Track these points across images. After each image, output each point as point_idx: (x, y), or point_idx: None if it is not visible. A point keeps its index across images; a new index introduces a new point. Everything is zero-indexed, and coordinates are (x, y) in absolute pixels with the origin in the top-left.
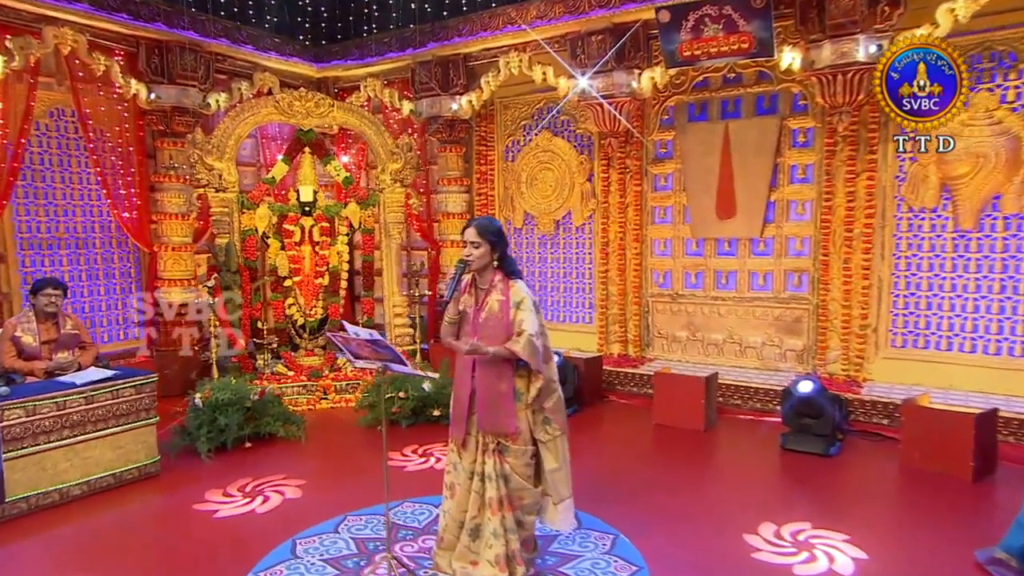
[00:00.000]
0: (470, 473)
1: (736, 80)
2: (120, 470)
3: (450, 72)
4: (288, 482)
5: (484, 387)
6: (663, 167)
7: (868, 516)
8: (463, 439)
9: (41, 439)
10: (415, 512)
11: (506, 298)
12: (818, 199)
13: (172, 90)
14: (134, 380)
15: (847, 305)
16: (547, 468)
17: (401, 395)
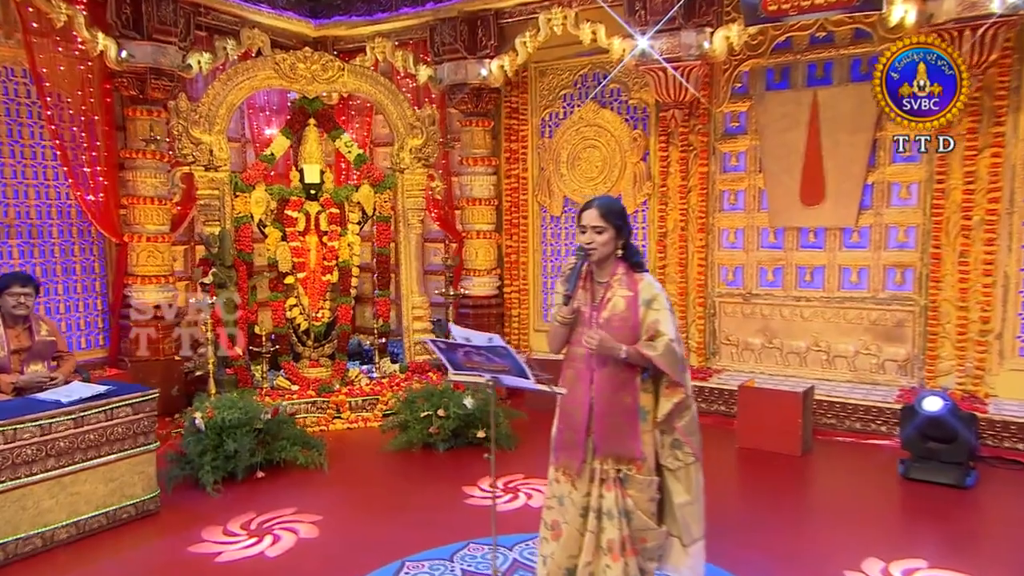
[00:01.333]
0: (583, 509)
1: (827, 40)
2: (114, 508)
3: (478, 31)
4: (314, 518)
5: (604, 402)
6: (734, 144)
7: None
8: (578, 467)
9: (22, 471)
10: (486, 557)
11: (633, 294)
12: (928, 180)
13: (147, 47)
14: (131, 397)
15: (964, 307)
16: (676, 502)
17: (440, 413)
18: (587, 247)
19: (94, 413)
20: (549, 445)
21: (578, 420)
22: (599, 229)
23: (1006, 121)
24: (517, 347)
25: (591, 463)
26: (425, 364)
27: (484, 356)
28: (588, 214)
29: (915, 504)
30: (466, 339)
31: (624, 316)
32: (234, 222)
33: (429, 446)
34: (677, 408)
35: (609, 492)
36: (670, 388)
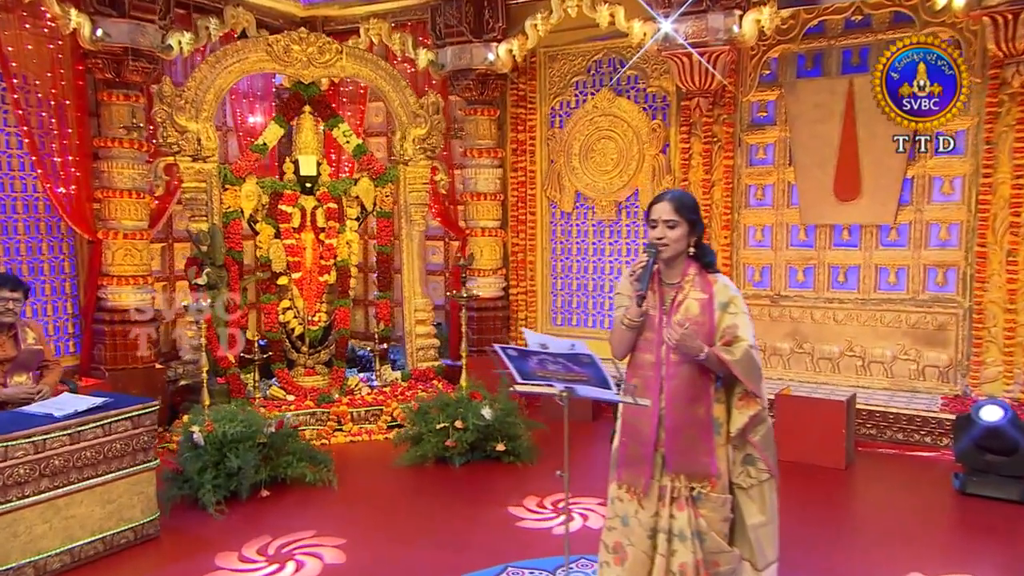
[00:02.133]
0: (650, 530)
1: (864, 24)
2: (111, 533)
3: (485, 12)
4: (336, 542)
5: (676, 414)
6: (762, 135)
7: None
8: (646, 484)
9: (13, 493)
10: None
11: (708, 296)
12: (973, 175)
13: (123, 26)
14: (131, 410)
15: (1013, 309)
16: (750, 523)
17: (458, 425)
18: (658, 243)
19: (91, 428)
20: (610, 460)
21: (645, 433)
22: (672, 224)
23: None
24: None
25: (660, 480)
26: (429, 371)
27: (561, 364)
28: (660, 207)
29: (973, 520)
30: (542, 345)
31: (699, 320)
32: (223, 218)
33: (444, 460)
34: (752, 421)
35: (681, 512)
36: (744, 400)
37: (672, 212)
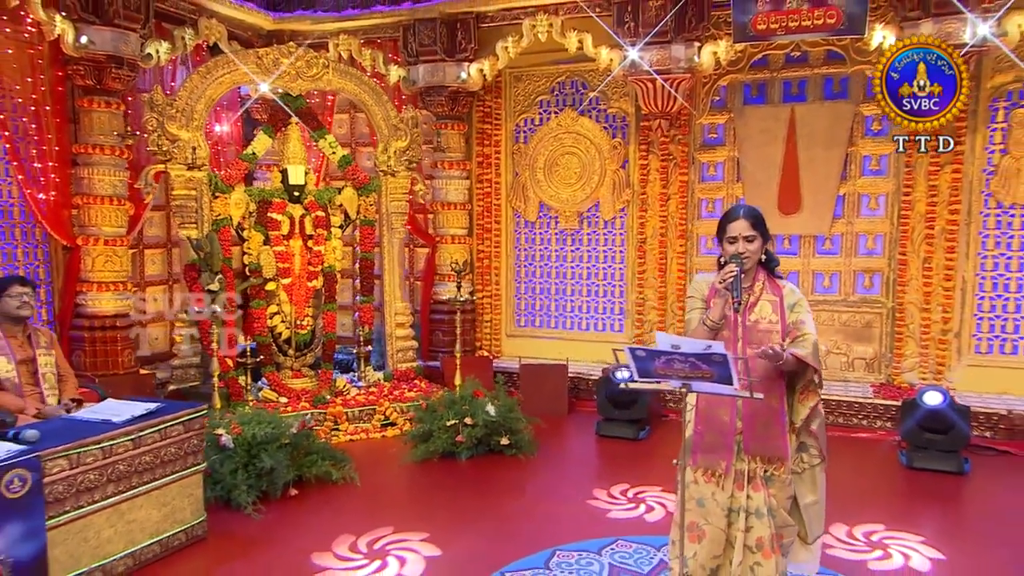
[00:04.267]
0: (727, 509)
1: (801, 60)
2: (167, 535)
3: (458, 34)
4: (420, 536)
5: (751, 403)
6: (713, 154)
7: None
8: (726, 468)
9: (84, 499)
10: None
11: (779, 299)
12: (895, 193)
13: (107, 34)
14: (184, 414)
15: (927, 308)
16: (803, 503)
17: (468, 421)
18: (741, 256)
19: (149, 433)
20: (683, 448)
21: (725, 422)
22: (750, 238)
23: (965, 140)
24: (489, 352)
25: (737, 465)
26: (410, 372)
27: (689, 363)
28: (738, 224)
29: (919, 488)
30: (674, 346)
31: (771, 320)
32: (213, 225)
33: (451, 455)
34: (812, 412)
35: (757, 492)
36: (804, 393)
37: (750, 228)
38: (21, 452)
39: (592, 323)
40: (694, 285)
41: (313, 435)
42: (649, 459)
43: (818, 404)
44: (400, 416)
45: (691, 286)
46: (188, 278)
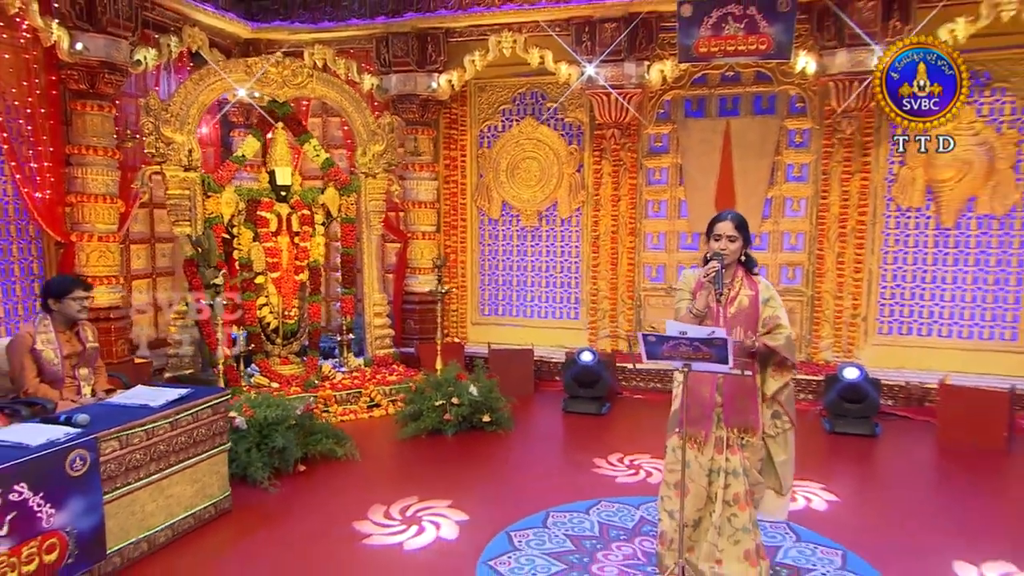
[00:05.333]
0: (708, 471)
1: (735, 79)
2: (199, 508)
3: (428, 47)
4: (445, 502)
5: (731, 383)
6: (658, 161)
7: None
8: (706, 436)
9: (131, 476)
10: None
11: (755, 293)
12: (814, 197)
13: (100, 41)
14: (212, 399)
15: (840, 296)
16: (777, 461)
17: (455, 401)
18: (722, 252)
19: (184, 416)
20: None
21: (706, 397)
22: (732, 238)
23: (872, 152)
24: (455, 339)
25: (716, 432)
26: (387, 358)
27: (693, 347)
28: (724, 225)
29: (840, 449)
30: (682, 332)
31: (748, 312)
32: (205, 222)
33: (438, 432)
34: (784, 386)
35: (734, 455)
36: (776, 370)
37: (733, 229)
38: (80, 434)
39: (550, 311)
40: (682, 279)
41: (315, 416)
42: (614, 430)
43: (790, 381)
44: (384, 398)
45: (680, 280)
46: (188, 273)
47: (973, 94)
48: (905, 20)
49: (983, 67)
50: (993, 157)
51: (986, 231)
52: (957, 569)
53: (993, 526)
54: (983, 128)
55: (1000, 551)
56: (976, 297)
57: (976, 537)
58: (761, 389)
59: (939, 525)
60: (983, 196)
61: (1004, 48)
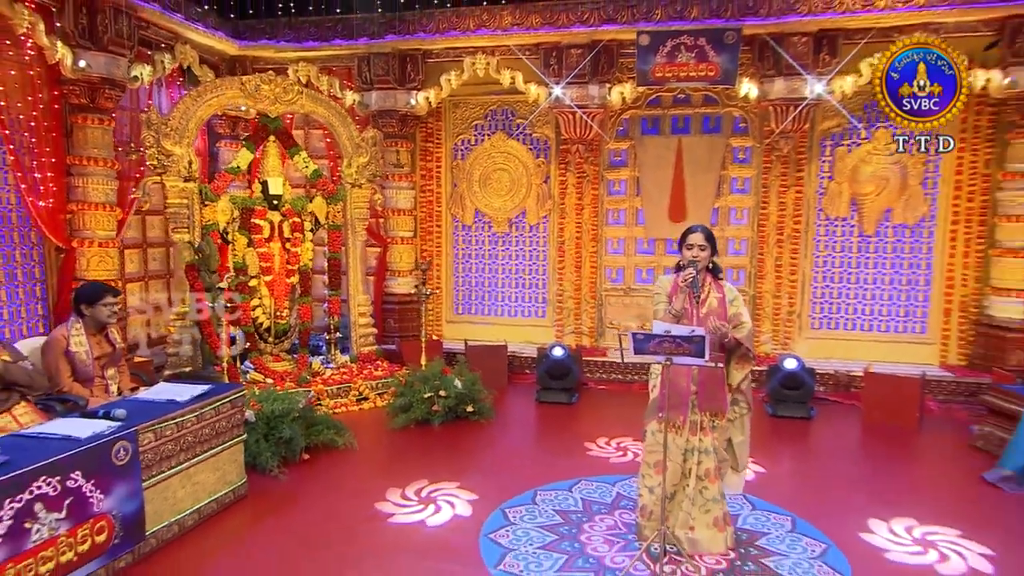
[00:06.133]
0: (683, 450)
1: (686, 101)
2: (221, 493)
3: (407, 66)
4: (453, 484)
5: (704, 374)
6: (618, 173)
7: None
8: (683, 420)
9: (164, 465)
10: (598, 491)
11: (722, 295)
12: (755, 207)
13: (101, 58)
14: (231, 394)
15: (778, 296)
16: (736, 441)
17: (442, 393)
18: (695, 260)
19: (208, 409)
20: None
21: (683, 387)
22: (703, 247)
23: (805, 169)
24: (434, 336)
25: (691, 417)
26: (371, 354)
27: (673, 343)
28: (695, 236)
29: (781, 431)
30: (667, 331)
31: (718, 311)
32: (203, 229)
33: (426, 422)
34: (745, 377)
35: (706, 436)
36: (739, 362)
37: (703, 240)
38: (122, 427)
39: (519, 310)
40: (659, 284)
41: (313, 409)
42: (584, 417)
43: (749, 373)
44: (371, 392)
45: (656, 284)
46: (190, 277)
47: (888, 118)
48: (832, 54)
49: None
50: (906, 175)
51: (901, 238)
52: (871, 525)
53: (903, 490)
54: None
55: (906, 509)
56: (892, 296)
57: (889, 499)
58: (728, 380)
59: (861, 490)
60: (898, 208)
61: None
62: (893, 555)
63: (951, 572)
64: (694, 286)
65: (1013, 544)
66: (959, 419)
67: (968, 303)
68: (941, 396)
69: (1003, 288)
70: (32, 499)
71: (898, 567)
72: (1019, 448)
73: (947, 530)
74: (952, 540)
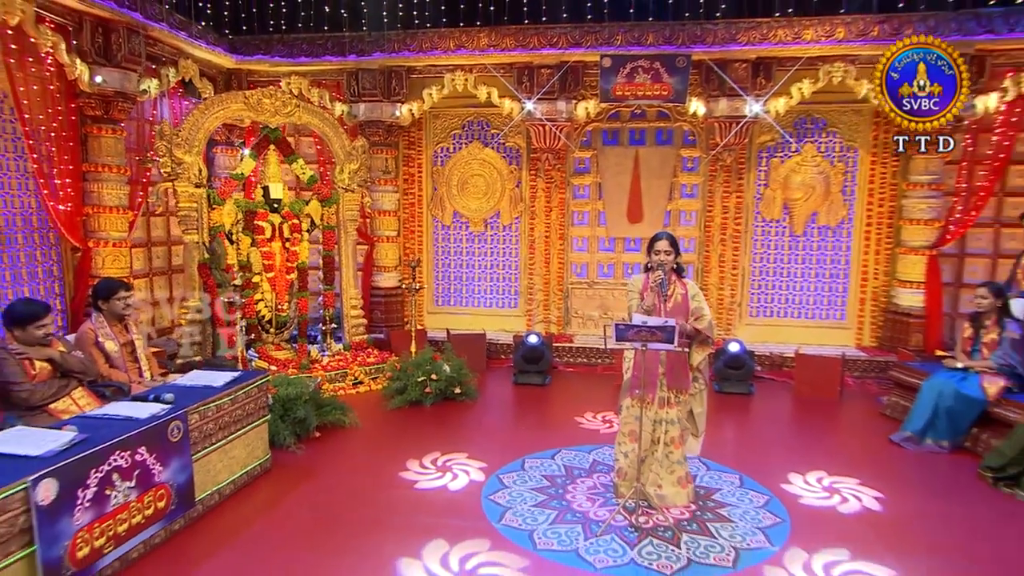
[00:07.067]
0: (653, 422)
1: (642, 116)
2: (251, 467)
3: (392, 81)
4: (463, 455)
5: (671, 357)
6: (582, 179)
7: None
8: (653, 396)
9: (207, 442)
10: (577, 458)
11: (685, 291)
12: (702, 210)
13: (116, 74)
14: (258, 379)
15: (722, 288)
16: (696, 412)
17: (433, 377)
18: (662, 263)
19: (240, 393)
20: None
21: (653, 369)
22: (668, 252)
23: (745, 177)
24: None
25: (660, 393)
26: (362, 343)
27: (648, 331)
28: (661, 243)
29: (726, 406)
30: (643, 322)
31: (681, 305)
32: (211, 231)
33: (418, 403)
34: (705, 358)
35: (672, 409)
36: (699, 347)
37: (668, 246)
38: (173, 409)
39: (494, 301)
40: (631, 283)
41: (320, 392)
42: (557, 396)
43: (707, 355)
44: (366, 376)
45: (630, 283)
46: (202, 274)
47: (814, 135)
48: (768, 79)
49: (821, 116)
50: (828, 183)
51: (824, 238)
52: (791, 477)
53: (821, 450)
54: (821, 160)
55: (820, 464)
56: (817, 288)
57: (808, 457)
58: (689, 361)
59: (788, 450)
60: (822, 212)
61: (835, 103)
62: (805, 500)
63: (848, 511)
64: (662, 286)
65: (900, 488)
66: (871, 391)
67: (879, 293)
68: (857, 373)
69: (906, 281)
70: (110, 470)
71: (809, 509)
72: (918, 413)
73: (849, 479)
74: (853, 487)
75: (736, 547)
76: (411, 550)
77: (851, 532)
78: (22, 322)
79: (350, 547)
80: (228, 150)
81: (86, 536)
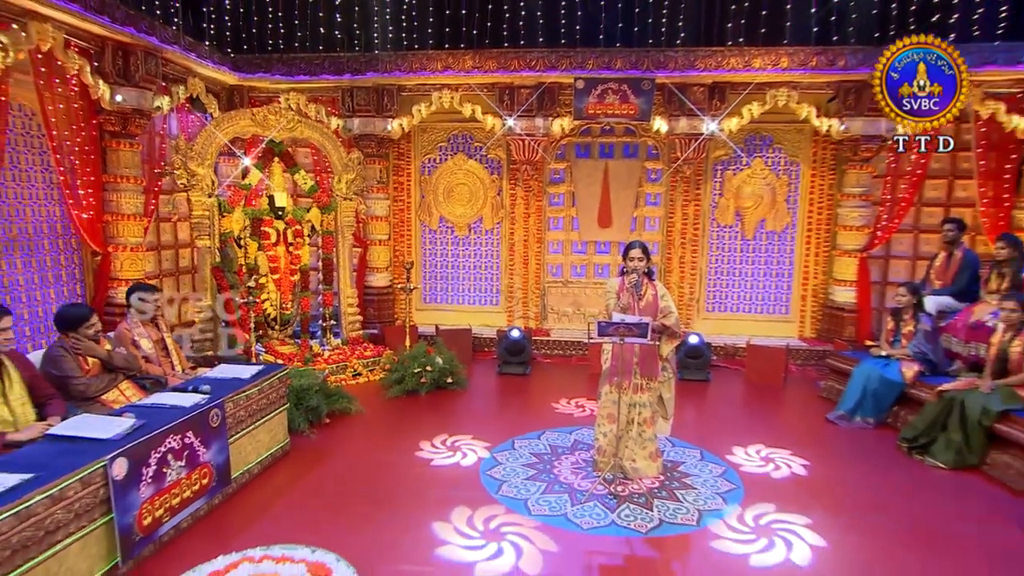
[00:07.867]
0: (628, 405)
1: (610, 132)
2: (274, 449)
3: (384, 98)
4: (468, 436)
5: (644, 350)
6: (557, 188)
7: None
8: (628, 383)
9: (239, 427)
10: (559, 438)
11: (655, 292)
12: (664, 217)
13: (133, 92)
14: (278, 372)
15: (682, 286)
16: (665, 397)
17: (428, 369)
18: (636, 268)
19: (265, 384)
20: (601, 374)
21: (628, 359)
22: (640, 259)
23: (702, 187)
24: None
25: (634, 380)
26: (359, 338)
27: (626, 328)
28: (635, 251)
29: (689, 391)
30: (622, 319)
31: (652, 304)
32: (221, 236)
33: (414, 392)
34: (673, 350)
35: (644, 395)
36: (668, 340)
37: (641, 253)
38: (213, 398)
39: (477, 299)
40: (607, 285)
41: (326, 383)
42: (537, 384)
43: (675, 347)
44: (364, 368)
45: (607, 285)
46: (216, 276)
47: (762, 150)
48: (722, 101)
49: (768, 133)
50: (775, 193)
51: (771, 242)
52: (735, 450)
53: (765, 427)
54: (768, 173)
55: (760, 438)
56: (765, 286)
57: (752, 432)
58: (659, 352)
59: (736, 427)
60: (769, 218)
61: (780, 122)
62: (745, 468)
63: (779, 476)
64: (636, 288)
65: (824, 456)
66: (811, 377)
67: (818, 291)
68: (799, 361)
69: (841, 280)
70: (166, 451)
71: (748, 475)
72: (849, 395)
73: (782, 451)
74: (785, 457)
75: (699, 509)
76: (441, 515)
77: (781, 493)
78: (74, 324)
79: (381, 516)
80: (229, 160)
81: (149, 507)
